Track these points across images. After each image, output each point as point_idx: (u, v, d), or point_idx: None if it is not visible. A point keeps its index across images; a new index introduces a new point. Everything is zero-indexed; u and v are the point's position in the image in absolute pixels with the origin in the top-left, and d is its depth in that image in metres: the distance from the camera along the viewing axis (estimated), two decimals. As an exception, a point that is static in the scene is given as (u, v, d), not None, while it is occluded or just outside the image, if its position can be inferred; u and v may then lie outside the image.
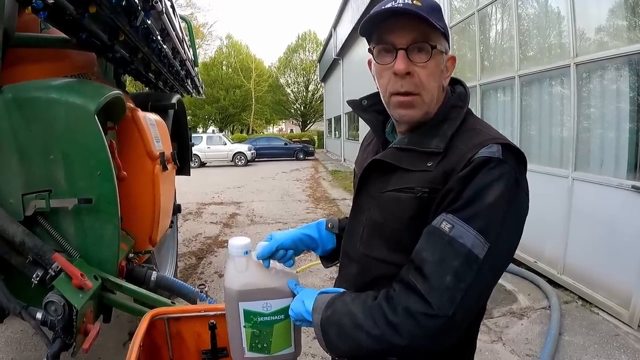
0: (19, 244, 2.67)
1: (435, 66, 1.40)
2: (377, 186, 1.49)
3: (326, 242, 1.81)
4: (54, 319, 2.54)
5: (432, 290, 1.20)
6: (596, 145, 5.74)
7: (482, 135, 1.35)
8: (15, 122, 2.72)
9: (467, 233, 1.21)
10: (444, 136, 1.39)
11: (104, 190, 2.90)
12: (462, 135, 1.39)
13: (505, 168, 1.26)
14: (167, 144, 4.46)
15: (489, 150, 1.27)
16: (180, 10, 24.56)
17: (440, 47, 1.39)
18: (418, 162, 1.39)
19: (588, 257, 5.66)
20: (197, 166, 28.51)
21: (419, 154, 1.40)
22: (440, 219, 1.26)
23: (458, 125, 1.41)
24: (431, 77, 1.40)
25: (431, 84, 1.40)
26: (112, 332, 4.45)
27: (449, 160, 1.34)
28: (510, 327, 5.04)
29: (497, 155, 1.26)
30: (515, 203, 1.29)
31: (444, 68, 1.45)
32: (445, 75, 1.47)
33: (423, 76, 1.38)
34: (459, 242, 1.21)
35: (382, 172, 1.47)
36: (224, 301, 1.68)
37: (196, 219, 11.58)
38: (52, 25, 3.08)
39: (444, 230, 1.23)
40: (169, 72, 5.33)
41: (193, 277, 6.97)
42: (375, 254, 1.48)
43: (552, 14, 6.71)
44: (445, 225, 1.24)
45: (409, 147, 1.43)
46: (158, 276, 3.64)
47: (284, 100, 63.56)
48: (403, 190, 1.39)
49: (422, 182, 1.35)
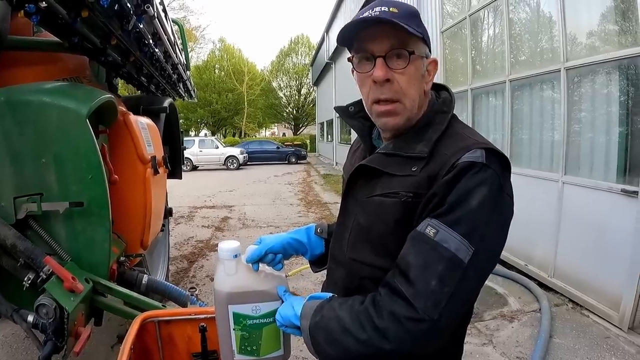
0: (10, 247, 2.67)
1: (415, 71, 1.41)
2: (364, 191, 1.50)
3: (315, 247, 1.83)
4: (45, 321, 2.54)
5: (417, 295, 1.22)
6: (586, 149, 5.77)
7: (466, 140, 1.36)
8: (7, 125, 2.72)
9: (452, 237, 1.22)
10: (429, 141, 1.40)
11: (95, 193, 2.90)
12: (446, 140, 1.39)
13: (488, 172, 1.27)
14: (158, 147, 4.45)
15: (473, 155, 1.28)
16: (173, 14, 24.62)
17: (418, 52, 1.40)
18: (403, 167, 1.40)
19: (578, 260, 5.69)
20: (189, 170, 28.42)
21: (404, 158, 1.41)
22: (424, 224, 1.27)
23: (443, 130, 1.42)
24: (411, 83, 1.41)
25: (411, 89, 1.42)
26: (103, 336, 4.44)
27: (433, 164, 1.35)
28: (500, 329, 5.06)
29: (481, 160, 1.27)
30: (499, 207, 1.30)
31: (425, 72, 1.46)
32: (427, 80, 1.48)
33: (403, 82, 1.40)
34: (443, 247, 1.22)
35: (369, 177, 1.49)
36: (214, 304, 1.70)
37: (188, 223, 11.56)
38: (45, 29, 3.08)
39: (429, 235, 1.25)
40: (160, 76, 5.32)
41: (184, 280, 6.96)
42: (362, 258, 1.50)
43: (544, 18, 6.75)
44: (430, 230, 1.25)
45: (394, 152, 1.44)
46: (149, 279, 3.64)
47: (277, 104, 63.63)
48: (388, 195, 1.40)
49: (407, 186, 1.37)
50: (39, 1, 2.44)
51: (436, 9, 10.32)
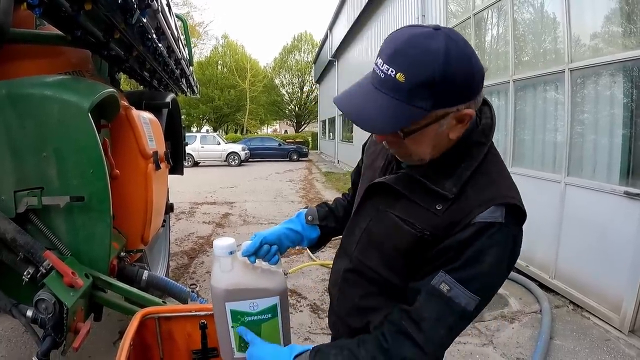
0: (10, 241, 2.66)
1: (424, 136, 1.30)
2: (384, 202, 1.50)
3: (309, 232, 1.85)
4: (44, 317, 2.53)
5: (428, 342, 1.30)
6: (589, 151, 5.76)
7: (494, 189, 1.34)
8: (8, 119, 2.71)
9: (463, 294, 1.28)
10: (459, 179, 1.35)
11: (96, 188, 2.89)
12: (477, 180, 1.35)
13: (504, 233, 1.29)
14: (160, 142, 4.44)
15: (493, 216, 1.28)
16: (177, 9, 24.60)
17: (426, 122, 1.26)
18: (427, 199, 1.37)
19: (580, 262, 5.68)
20: (191, 165, 28.43)
21: (430, 189, 1.37)
22: (439, 279, 1.30)
23: (476, 166, 1.36)
24: (419, 146, 1.34)
25: (420, 149, 1.35)
26: (103, 331, 4.44)
27: (456, 209, 1.33)
28: (501, 330, 5.05)
29: (500, 219, 1.28)
30: (509, 264, 1.34)
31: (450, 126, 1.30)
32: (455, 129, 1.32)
33: (410, 148, 1.35)
34: (455, 303, 1.28)
35: (392, 191, 1.47)
36: None
37: (189, 219, 11.55)
38: (47, 22, 3.07)
39: (443, 291, 1.29)
40: (163, 71, 5.31)
41: (185, 276, 6.96)
42: (369, 264, 1.55)
43: (548, 19, 6.73)
44: (444, 287, 1.29)
45: (422, 179, 1.39)
46: (149, 275, 3.63)
47: (279, 101, 63.57)
48: (406, 222, 1.41)
49: (427, 224, 1.36)
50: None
51: (440, 8, 10.31)
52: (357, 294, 1.59)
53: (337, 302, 1.70)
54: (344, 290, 1.65)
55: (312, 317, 5.27)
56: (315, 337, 4.80)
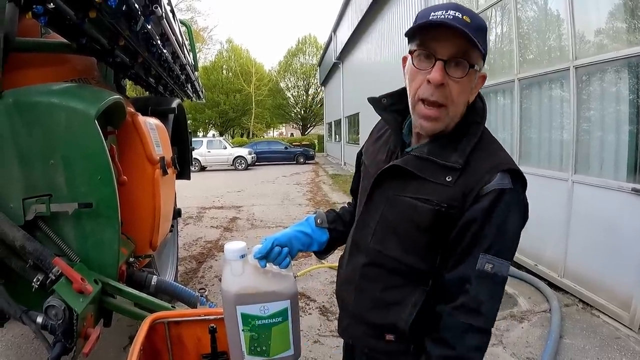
0: (19, 249, 2.67)
1: (468, 82, 1.47)
2: (394, 188, 1.58)
3: (319, 235, 1.86)
4: (54, 323, 2.54)
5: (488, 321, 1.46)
6: (596, 148, 5.74)
7: (496, 158, 1.49)
8: (16, 127, 2.73)
9: (502, 265, 1.43)
10: (463, 152, 1.49)
11: (104, 194, 2.90)
12: (478, 154, 1.50)
13: (515, 196, 1.45)
14: (167, 148, 4.46)
15: (502, 182, 1.43)
16: (181, 15, 24.63)
17: (477, 65, 1.47)
18: (437, 174, 1.49)
19: (588, 260, 5.66)
20: (198, 170, 28.47)
21: (438, 166, 1.49)
22: (483, 261, 1.42)
23: (475, 142, 1.52)
24: (462, 93, 1.48)
25: (460, 98, 1.48)
26: (112, 336, 4.45)
27: (466, 179, 1.46)
28: (510, 330, 5.03)
29: (509, 185, 1.43)
30: (524, 222, 1.51)
31: (474, 85, 1.52)
32: (474, 92, 1.55)
33: (455, 90, 1.45)
34: (499, 276, 1.44)
35: (401, 176, 1.56)
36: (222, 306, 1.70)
37: (196, 223, 11.57)
38: (53, 30, 3.08)
39: (489, 272, 1.42)
40: (169, 77, 5.33)
41: (193, 281, 6.97)
42: (389, 252, 1.59)
43: (552, 16, 6.72)
44: (488, 266, 1.42)
45: (429, 157, 1.51)
46: (158, 280, 3.64)
47: (284, 104, 63.67)
48: (421, 200, 1.50)
49: (442, 197, 1.47)
50: (46, 2, 2.45)
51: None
52: (378, 288, 1.61)
53: (355, 301, 1.70)
54: (362, 287, 1.66)
55: (322, 320, 5.27)
56: (325, 340, 4.80)
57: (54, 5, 2.46)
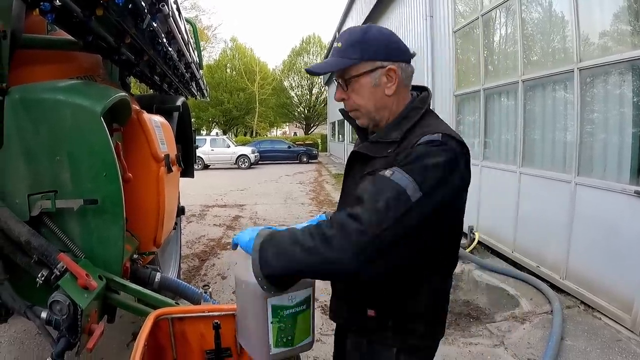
0: (24, 244, 2.68)
1: (362, 87, 1.77)
2: (358, 172, 1.84)
3: None
4: (58, 318, 2.55)
5: (364, 211, 1.45)
6: (599, 150, 5.75)
7: (431, 128, 1.65)
8: (22, 123, 2.74)
9: (404, 178, 1.48)
10: (401, 130, 1.72)
11: (109, 191, 2.91)
12: (415, 130, 1.70)
13: (446, 147, 1.56)
14: (172, 146, 4.47)
15: (431, 137, 1.58)
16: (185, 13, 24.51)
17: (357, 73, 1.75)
18: (382, 150, 1.73)
19: (591, 262, 5.66)
20: (201, 168, 28.54)
21: (384, 144, 1.75)
22: (385, 170, 1.56)
23: (415, 121, 1.74)
24: (361, 96, 1.79)
25: (362, 101, 1.79)
26: (116, 333, 4.46)
27: (401, 147, 1.66)
28: (512, 331, 5.04)
29: (437, 138, 1.57)
30: (452, 173, 1.54)
31: (380, 81, 1.76)
32: (388, 85, 1.76)
33: (355, 98, 1.80)
34: (395, 182, 1.48)
35: (362, 161, 1.83)
36: (235, 302, 1.74)
37: (200, 221, 11.60)
38: (59, 28, 3.10)
39: (386, 175, 1.52)
40: (174, 75, 5.34)
41: (196, 278, 6.99)
42: None
43: (556, 18, 6.73)
44: (388, 172, 1.53)
45: (377, 140, 1.79)
46: (162, 277, 3.66)
47: (288, 104, 63.57)
48: (371, 173, 1.69)
49: (383, 165, 1.64)
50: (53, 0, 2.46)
51: (448, 9, 10.29)
52: None
53: (339, 285, 1.97)
54: None
55: (324, 319, 5.27)
56: (327, 339, 4.81)
57: (61, 2, 2.47)
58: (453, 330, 5.05)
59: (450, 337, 4.89)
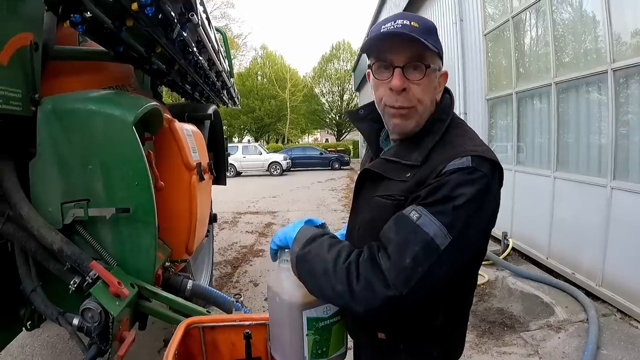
0: (57, 252, 2.71)
1: (429, 82, 1.57)
2: (369, 191, 1.67)
3: None
4: (90, 325, 2.57)
5: (391, 268, 1.35)
6: (635, 153, 5.62)
7: (457, 149, 1.49)
8: (54, 133, 2.77)
9: (432, 223, 1.35)
10: (424, 149, 1.56)
11: (141, 200, 2.93)
12: (439, 149, 1.54)
13: (476, 174, 1.41)
14: (203, 154, 4.50)
15: (459, 162, 1.42)
16: (215, 22, 24.77)
17: (434, 65, 1.56)
18: (400, 173, 1.57)
19: (628, 268, 5.54)
20: (233, 176, 28.73)
21: (402, 165, 1.58)
22: (410, 209, 1.42)
23: (438, 139, 1.57)
24: (424, 93, 1.57)
25: (425, 98, 1.58)
26: (147, 340, 4.50)
27: (422, 171, 1.51)
28: (547, 340, 4.96)
29: (466, 164, 1.41)
30: (483, 206, 1.42)
31: (437, 84, 1.63)
32: (438, 90, 1.65)
33: (417, 92, 1.56)
34: (423, 230, 1.35)
35: (373, 179, 1.66)
36: (267, 311, 1.78)
37: (232, 228, 11.66)
38: (90, 38, 3.14)
39: (412, 218, 1.38)
40: (205, 83, 5.39)
41: (228, 285, 7.02)
42: None
43: (588, 18, 6.63)
44: (414, 215, 1.39)
45: (394, 159, 1.62)
46: (194, 285, 3.67)
47: (319, 110, 63.66)
48: (385, 197, 1.58)
49: (400, 190, 1.53)
50: (84, 11, 2.49)
51: (478, 12, 10.22)
52: None
53: None
54: None
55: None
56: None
57: (91, 14, 2.51)
58: (487, 339, 4.98)
59: (483, 346, 4.83)
